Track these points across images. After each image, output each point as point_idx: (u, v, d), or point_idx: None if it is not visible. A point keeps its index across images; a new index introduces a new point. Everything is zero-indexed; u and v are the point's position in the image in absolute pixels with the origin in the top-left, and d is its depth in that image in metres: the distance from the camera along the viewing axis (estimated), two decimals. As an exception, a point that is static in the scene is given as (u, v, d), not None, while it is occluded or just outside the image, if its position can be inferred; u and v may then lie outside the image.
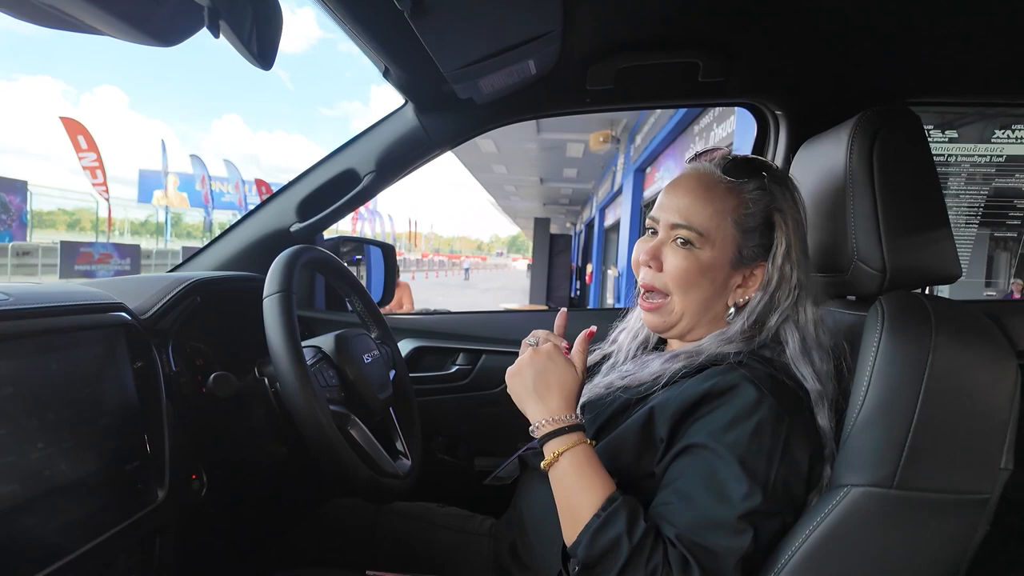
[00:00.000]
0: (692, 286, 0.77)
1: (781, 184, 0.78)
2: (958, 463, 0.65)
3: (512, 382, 0.77)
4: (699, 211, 0.76)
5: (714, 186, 0.77)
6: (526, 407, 0.76)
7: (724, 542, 0.62)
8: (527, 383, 0.75)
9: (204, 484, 0.84)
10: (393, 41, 1.00)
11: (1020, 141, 2.68)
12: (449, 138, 1.31)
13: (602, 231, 12.47)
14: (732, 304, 0.79)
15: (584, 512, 0.67)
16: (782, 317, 0.75)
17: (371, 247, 1.59)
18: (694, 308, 0.78)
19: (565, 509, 0.71)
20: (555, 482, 0.72)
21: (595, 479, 0.69)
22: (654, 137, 6.03)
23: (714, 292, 0.78)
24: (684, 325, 0.80)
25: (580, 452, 0.71)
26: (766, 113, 1.30)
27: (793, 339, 0.74)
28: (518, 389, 0.76)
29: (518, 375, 0.76)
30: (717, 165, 0.79)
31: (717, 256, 0.76)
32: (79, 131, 14.67)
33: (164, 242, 21.67)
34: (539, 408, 0.74)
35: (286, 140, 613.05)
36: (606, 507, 0.66)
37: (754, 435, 0.65)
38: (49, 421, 0.62)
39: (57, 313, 0.67)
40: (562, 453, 0.70)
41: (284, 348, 0.82)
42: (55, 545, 0.60)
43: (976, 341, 0.66)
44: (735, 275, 0.78)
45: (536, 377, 0.74)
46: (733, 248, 0.77)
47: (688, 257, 0.76)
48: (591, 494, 0.68)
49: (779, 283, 0.76)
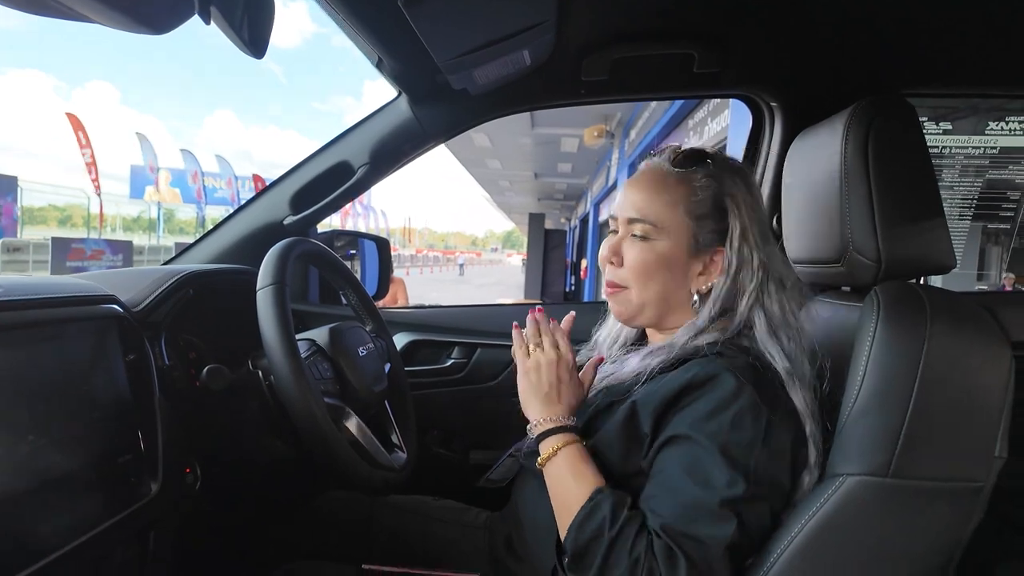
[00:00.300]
0: (650, 277, 0.79)
1: (728, 170, 0.80)
2: (953, 452, 0.65)
3: (526, 379, 0.79)
4: (651, 203, 0.79)
5: (664, 178, 0.80)
6: (530, 406, 0.79)
7: (708, 530, 0.63)
8: (541, 386, 0.78)
9: (198, 477, 0.84)
10: (386, 31, 1.00)
11: (1014, 133, 2.69)
12: (443, 130, 1.30)
13: (597, 226, 12.47)
14: (695, 291, 0.80)
15: (574, 504, 0.69)
16: (750, 300, 0.76)
17: (365, 241, 1.58)
18: (653, 298, 0.80)
19: (559, 504, 0.73)
20: (550, 478, 0.74)
21: (587, 474, 0.72)
22: (649, 132, 6.02)
23: (675, 281, 0.80)
24: (649, 315, 0.82)
25: (576, 449, 0.74)
26: (761, 105, 1.30)
27: (760, 320, 0.75)
28: (529, 389, 0.79)
29: (535, 374, 0.79)
30: (666, 159, 0.81)
31: (673, 245, 0.78)
32: (80, 127, 14.66)
33: (157, 238, 21.53)
34: (542, 409, 0.77)
35: (279, 135, 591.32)
36: (592, 498, 0.69)
37: (734, 424, 0.66)
38: (40, 413, 0.61)
39: (48, 305, 0.66)
40: (560, 449, 0.73)
41: (278, 340, 0.81)
42: (48, 539, 0.59)
43: (971, 331, 0.66)
44: (695, 263, 0.80)
45: (551, 386, 0.78)
46: (688, 236, 0.78)
47: (645, 249, 0.79)
48: (581, 488, 0.70)
49: (740, 266, 0.77)
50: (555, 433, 0.75)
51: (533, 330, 0.82)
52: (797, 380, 0.71)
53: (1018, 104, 2.67)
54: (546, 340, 0.81)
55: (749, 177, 0.81)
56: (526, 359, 0.80)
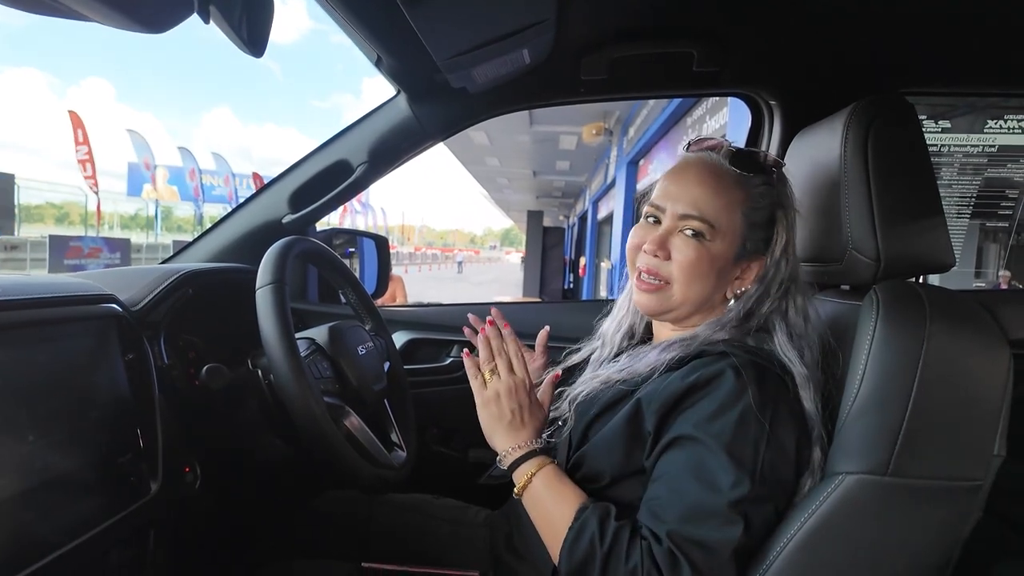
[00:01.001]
0: (699, 277, 0.76)
1: (784, 181, 0.79)
2: (951, 450, 0.65)
3: (486, 410, 0.79)
4: (711, 202, 0.75)
5: (722, 177, 0.76)
6: (495, 437, 0.79)
7: (716, 534, 0.62)
8: (504, 416, 0.78)
9: (198, 476, 0.84)
10: (385, 29, 0.99)
11: (1012, 131, 2.70)
12: (442, 128, 1.30)
13: (595, 224, 12.47)
14: (731, 295, 0.80)
15: (561, 527, 0.69)
16: (771, 307, 0.76)
17: (364, 239, 1.58)
18: (695, 298, 0.78)
19: (545, 529, 0.73)
20: (531, 506, 0.75)
21: (567, 494, 0.72)
22: (647, 129, 6.02)
23: (717, 283, 0.78)
24: (681, 312, 0.80)
25: (550, 471, 0.75)
26: (760, 104, 1.30)
27: (781, 328, 0.75)
28: (491, 420, 0.79)
29: (495, 404, 0.79)
30: (725, 156, 0.78)
31: (725, 249, 0.76)
32: (80, 125, 14.62)
33: (155, 236, 21.48)
34: (508, 439, 0.78)
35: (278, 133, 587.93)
36: (577, 517, 0.69)
37: (739, 423, 0.65)
38: (39, 413, 0.61)
39: (46, 304, 0.66)
40: (534, 475, 0.74)
41: (277, 339, 0.81)
42: (48, 538, 0.59)
43: (970, 329, 0.66)
44: (735, 268, 0.79)
45: (514, 412, 0.78)
46: (739, 241, 0.77)
47: (699, 249, 0.75)
48: (564, 509, 0.71)
49: (774, 276, 0.77)
50: (525, 460, 0.76)
51: (486, 353, 0.81)
52: (811, 385, 0.71)
53: (1016, 103, 2.67)
54: (501, 364, 0.80)
55: (791, 189, 0.80)
56: (483, 390, 0.80)
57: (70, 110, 15.10)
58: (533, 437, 0.77)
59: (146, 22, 0.54)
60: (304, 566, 0.95)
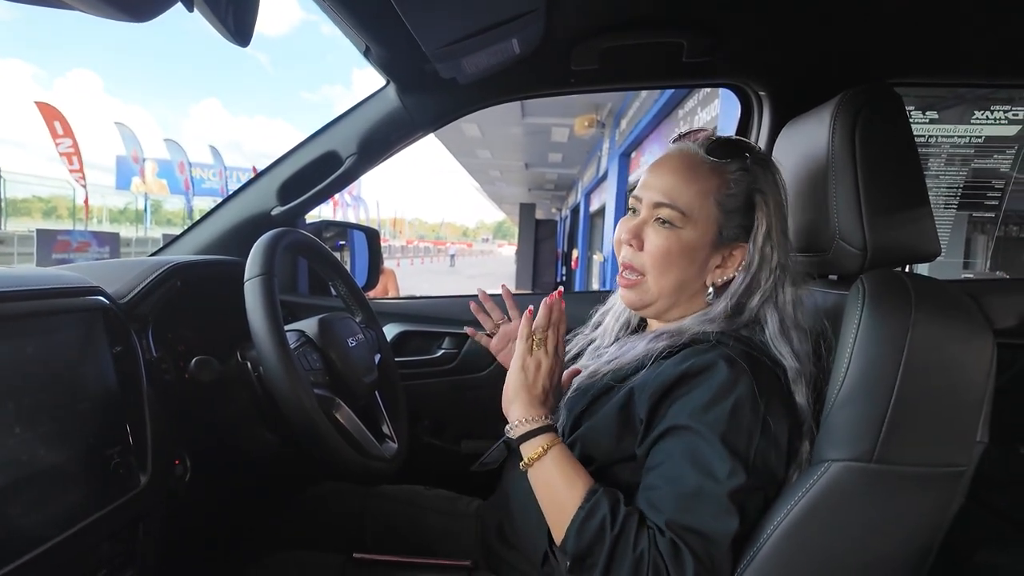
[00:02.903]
0: (670, 266, 0.77)
1: (763, 165, 0.78)
2: (935, 437, 0.66)
3: (522, 374, 0.76)
4: (682, 190, 0.76)
5: (698, 166, 0.77)
6: (514, 404, 0.76)
7: (715, 523, 0.63)
8: (534, 387, 0.76)
9: (188, 469, 0.83)
10: (374, 18, 0.98)
11: (999, 122, 2.71)
12: (432, 119, 1.29)
13: (587, 216, 12.47)
14: (711, 284, 0.79)
15: (569, 506, 0.68)
16: (763, 298, 0.76)
17: (355, 232, 1.58)
18: (669, 288, 0.79)
19: (551, 505, 0.71)
20: (538, 479, 0.72)
21: (577, 474, 0.71)
22: (639, 121, 6.02)
23: (692, 272, 0.78)
24: (660, 305, 0.81)
25: (562, 449, 0.73)
26: (750, 94, 1.30)
27: (772, 319, 0.75)
28: (521, 385, 0.76)
29: (533, 372, 0.76)
30: (701, 145, 0.79)
31: (698, 236, 0.76)
32: (55, 116, 14.18)
33: (144, 230, 21.29)
34: (527, 407, 0.75)
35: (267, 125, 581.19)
36: (588, 498, 0.68)
37: (733, 413, 0.66)
38: (25, 406, 0.61)
39: (32, 297, 0.65)
40: (548, 449, 0.72)
41: (267, 331, 0.81)
42: (36, 532, 0.59)
43: (954, 318, 0.67)
44: (715, 255, 0.78)
45: (543, 389, 0.76)
46: (714, 228, 0.77)
47: (669, 237, 0.76)
48: (575, 488, 0.69)
49: (760, 264, 0.76)
50: (541, 433, 0.73)
51: (544, 322, 0.77)
52: (803, 378, 0.71)
53: (1003, 94, 2.69)
54: (551, 341, 0.77)
55: (779, 174, 0.79)
56: (527, 354, 0.77)
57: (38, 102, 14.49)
58: (548, 415, 0.76)
59: (130, 10, 0.53)
60: (296, 558, 0.95)
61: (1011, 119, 2.70)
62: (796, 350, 0.73)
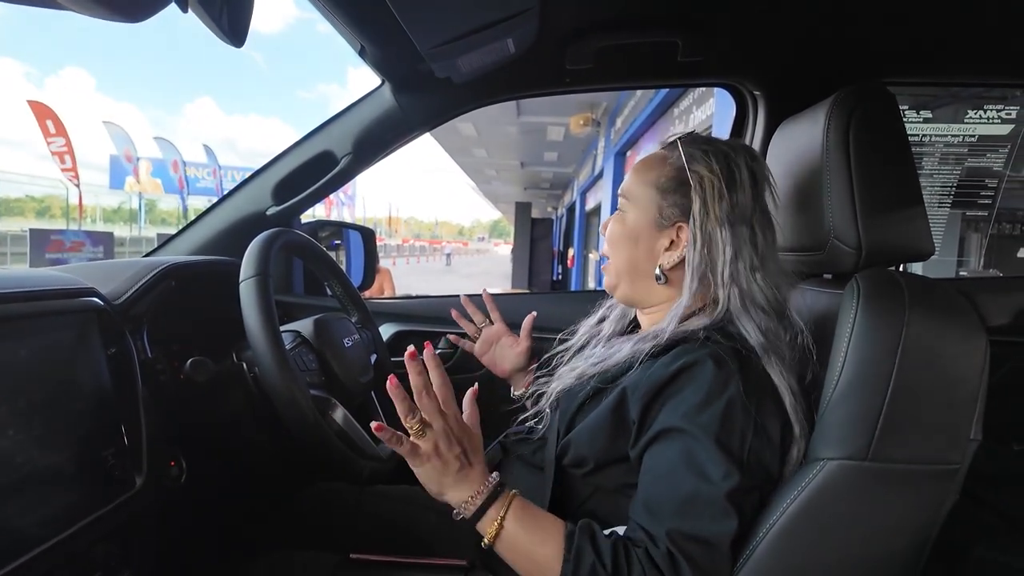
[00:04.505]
0: (618, 246, 0.84)
1: (701, 148, 0.79)
2: (929, 435, 0.66)
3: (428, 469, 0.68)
4: (633, 181, 0.84)
5: (650, 160, 0.84)
6: (446, 494, 0.69)
7: (714, 527, 0.63)
8: (449, 465, 0.68)
9: (183, 470, 0.83)
10: (369, 18, 0.98)
11: (992, 121, 2.73)
12: (427, 119, 1.29)
13: (583, 215, 12.48)
14: (659, 265, 0.81)
15: (551, 564, 0.65)
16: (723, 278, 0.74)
17: (350, 231, 1.58)
18: (622, 268, 0.84)
19: (532, 569, 0.67)
20: (509, 550, 0.68)
21: (543, 526, 0.68)
22: (634, 120, 6.02)
23: (640, 252, 0.82)
24: (624, 288, 0.86)
25: (517, 507, 0.68)
26: (745, 93, 1.31)
27: (734, 296, 0.74)
28: (436, 476, 0.68)
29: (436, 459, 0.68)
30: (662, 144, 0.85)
31: (638, 216, 0.82)
32: (47, 115, 14.00)
33: (138, 229, 21.22)
34: (463, 489, 0.69)
35: (262, 124, 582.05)
36: (568, 548, 0.65)
37: (726, 414, 0.66)
38: (20, 408, 0.61)
39: (25, 298, 0.65)
40: (504, 517, 0.67)
41: (262, 332, 0.81)
42: (30, 533, 0.59)
43: (948, 316, 0.67)
44: (661, 237, 0.81)
45: (458, 456, 0.68)
46: (654, 209, 0.81)
47: (618, 219, 0.85)
48: (548, 543, 0.66)
49: (707, 243, 0.75)
50: (488, 505, 0.68)
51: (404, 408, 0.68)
52: (774, 356, 0.70)
53: (996, 92, 2.70)
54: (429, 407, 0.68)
55: (732, 158, 0.78)
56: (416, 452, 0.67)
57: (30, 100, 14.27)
58: (484, 476, 0.69)
59: (123, 11, 0.53)
60: (292, 557, 0.95)
61: (1004, 118, 2.72)
62: (761, 325, 0.72)
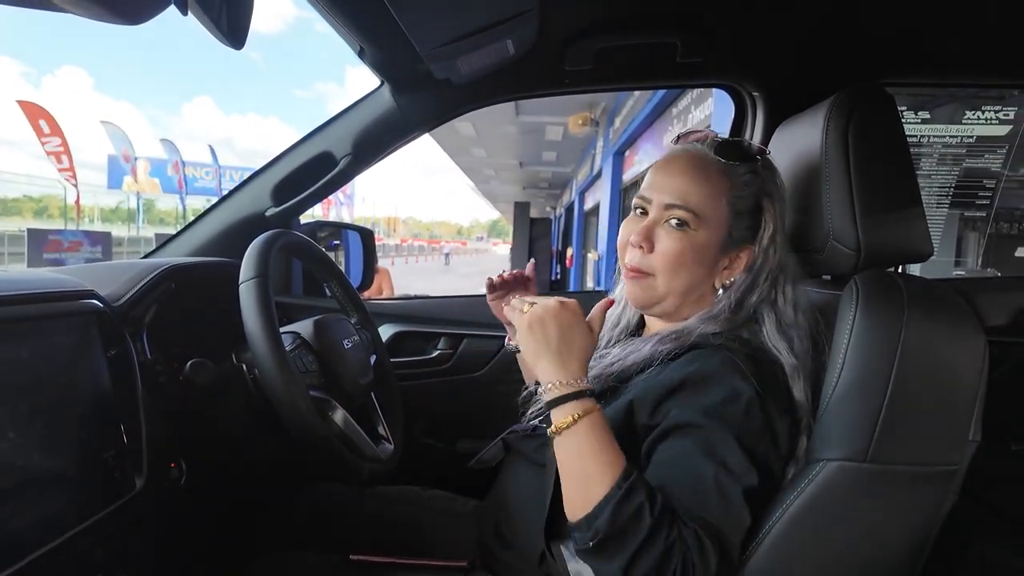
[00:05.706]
0: (682, 268, 0.76)
1: (771, 169, 0.79)
2: (929, 436, 0.67)
3: (530, 334, 0.70)
4: (695, 192, 0.75)
5: (708, 167, 0.77)
6: (540, 363, 0.70)
7: (730, 520, 0.63)
8: (550, 338, 0.69)
9: (184, 472, 0.83)
10: (368, 20, 0.98)
11: (990, 122, 2.73)
12: (426, 119, 1.29)
13: (582, 215, 12.48)
14: (719, 285, 0.79)
15: (603, 481, 0.63)
16: (760, 298, 0.76)
17: (349, 232, 1.57)
18: (680, 289, 0.78)
19: (577, 476, 0.66)
20: (567, 448, 0.67)
21: (612, 448, 0.66)
22: (633, 120, 6.02)
23: (702, 274, 0.78)
24: (668, 304, 0.79)
25: (598, 418, 0.67)
26: (744, 94, 1.31)
27: (770, 319, 0.75)
28: (535, 343, 0.69)
29: (539, 327, 0.69)
30: (709, 147, 0.78)
31: (710, 237, 0.76)
32: (40, 115, 13.83)
33: (136, 229, 21.19)
34: (555, 368, 0.69)
35: (260, 123, 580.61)
36: (626, 478, 0.63)
37: (746, 413, 0.66)
38: (20, 411, 0.61)
39: (25, 301, 0.65)
40: (580, 418, 0.66)
41: (262, 333, 0.81)
42: (31, 536, 0.59)
43: (947, 318, 0.67)
44: (722, 257, 0.78)
45: (561, 334, 0.69)
46: (724, 230, 0.77)
47: (682, 239, 0.75)
48: (609, 463, 0.64)
49: (762, 266, 0.77)
50: (572, 399, 0.67)
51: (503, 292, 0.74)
52: (801, 375, 0.71)
53: (994, 93, 2.71)
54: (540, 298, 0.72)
55: (781, 178, 0.80)
56: (523, 316, 0.71)
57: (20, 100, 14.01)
58: (581, 374, 0.69)
59: (123, 13, 0.53)
60: (292, 559, 0.95)
61: (1002, 119, 2.72)
62: (794, 348, 0.73)
